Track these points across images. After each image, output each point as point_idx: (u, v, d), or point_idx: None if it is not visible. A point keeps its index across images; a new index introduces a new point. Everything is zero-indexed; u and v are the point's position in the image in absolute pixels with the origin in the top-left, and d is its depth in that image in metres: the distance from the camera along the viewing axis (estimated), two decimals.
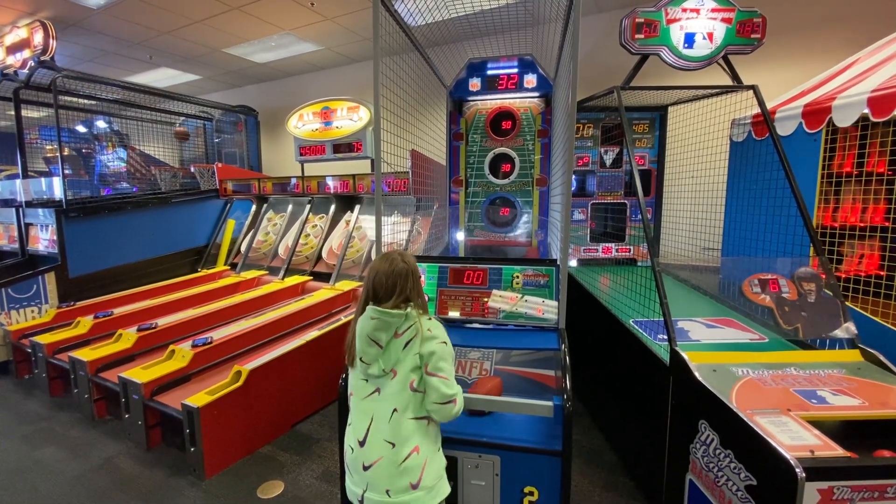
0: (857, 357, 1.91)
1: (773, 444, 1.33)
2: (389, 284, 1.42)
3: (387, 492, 1.34)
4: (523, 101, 3.64)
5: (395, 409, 1.38)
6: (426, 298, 1.57)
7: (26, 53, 4.41)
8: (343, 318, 3.43)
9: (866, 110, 2.33)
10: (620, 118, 2.67)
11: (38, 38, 4.29)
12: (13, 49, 4.53)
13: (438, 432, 1.50)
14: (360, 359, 1.42)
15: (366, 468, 1.37)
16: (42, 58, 4.31)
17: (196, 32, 5.26)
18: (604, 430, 2.86)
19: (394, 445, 1.36)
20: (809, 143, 2.69)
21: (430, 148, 3.73)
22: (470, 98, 3.69)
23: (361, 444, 1.39)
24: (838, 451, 1.33)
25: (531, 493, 1.73)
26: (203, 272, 5.25)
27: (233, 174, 5.76)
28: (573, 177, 2.26)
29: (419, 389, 1.41)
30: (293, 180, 5.05)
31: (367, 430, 1.39)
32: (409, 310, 1.42)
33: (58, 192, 4.53)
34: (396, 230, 4.28)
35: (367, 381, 1.45)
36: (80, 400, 3.14)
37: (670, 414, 1.89)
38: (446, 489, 1.45)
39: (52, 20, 4.47)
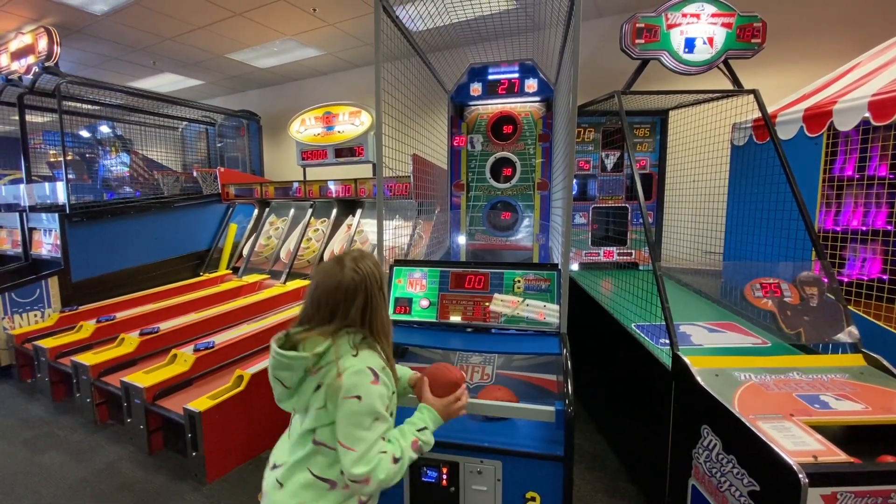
0: (860, 361, 1.90)
1: (776, 449, 1.33)
2: (327, 301, 1.14)
3: None
4: (524, 106, 3.65)
5: (300, 456, 1.15)
6: (385, 320, 1.22)
7: (31, 59, 4.45)
8: None
9: (867, 114, 2.33)
10: (621, 122, 2.68)
11: (43, 43, 4.32)
12: (18, 55, 4.57)
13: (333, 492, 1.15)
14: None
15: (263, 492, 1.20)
16: (46, 63, 4.34)
17: (199, 38, 5.30)
18: (606, 435, 2.85)
19: (282, 486, 1.14)
20: (811, 147, 2.69)
21: (432, 152, 3.74)
22: (471, 103, 3.70)
23: (274, 466, 1.21)
24: (842, 456, 1.32)
25: (533, 499, 1.72)
26: (205, 276, 5.26)
27: (235, 178, 5.78)
28: (574, 181, 2.26)
29: (324, 444, 1.13)
30: (295, 184, 5.06)
31: (275, 460, 1.22)
32: (327, 345, 1.12)
33: (61, 196, 4.55)
34: (398, 234, 4.29)
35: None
36: (82, 404, 3.15)
37: (672, 419, 1.88)
38: None
39: (57, 26, 4.50)
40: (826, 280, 2.11)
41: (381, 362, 1.18)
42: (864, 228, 2.70)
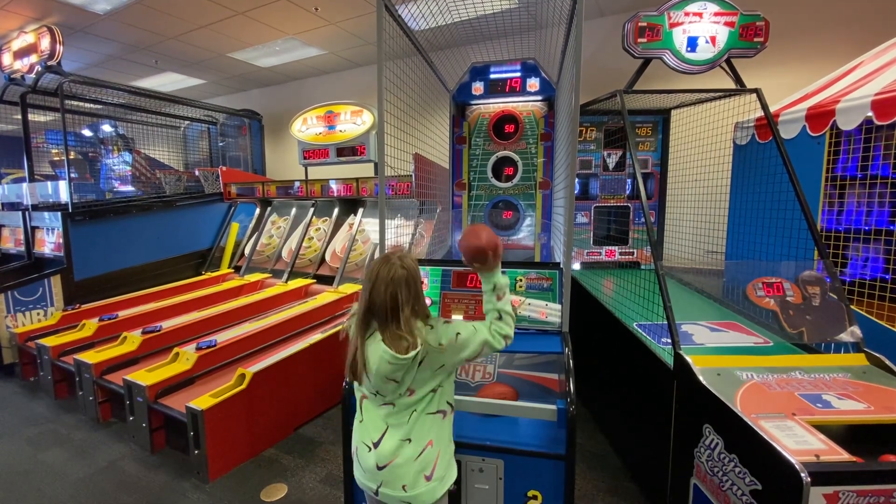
0: (863, 361, 1.90)
1: (779, 448, 1.32)
2: (389, 299, 1.33)
3: (403, 487, 1.35)
4: (526, 105, 3.65)
5: (413, 411, 1.39)
6: (426, 303, 1.47)
7: (33, 58, 4.46)
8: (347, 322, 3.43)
9: (870, 113, 2.32)
10: (623, 122, 2.68)
11: (45, 43, 4.33)
12: (20, 54, 4.58)
13: (451, 423, 1.49)
14: (376, 392, 1.38)
15: (381, 468, 1.37)
16: (49, 63, 4.35)
17: (201, 37, 5.30)
18: (607, 434, 2.85)
19: (410, 441, 1.37)
20: (813, 146, 2.69)
21: (433, 151, 3.74)
22: (473, 102, 3.70)
23: (376, 445, 1.39)
24: (844, 455, 1.32)
25: (535, 497, 1.72)
26: (207, 275, 5.27)
27: (237, 178, 5.79)
28: (576, 180, 2.26)
29: (437, 388, 1.42)
30: (297, 184, 5.07)
31: (383, 435, 1.39)
32: (416, 339, 1.34)
33: (64, 195, 4.57)
34: (400, 233, 4.29)
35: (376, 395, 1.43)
36: (84, 402, 3.16)
37: (674, 418, 1.88)
38: (454, 473, 1.47)
39: (59, 25, 4.52)
40: (828, 279, 2.10)
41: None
42: (866, 228, 2.69)
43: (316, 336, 3.23)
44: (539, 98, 3.57)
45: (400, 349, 1.30)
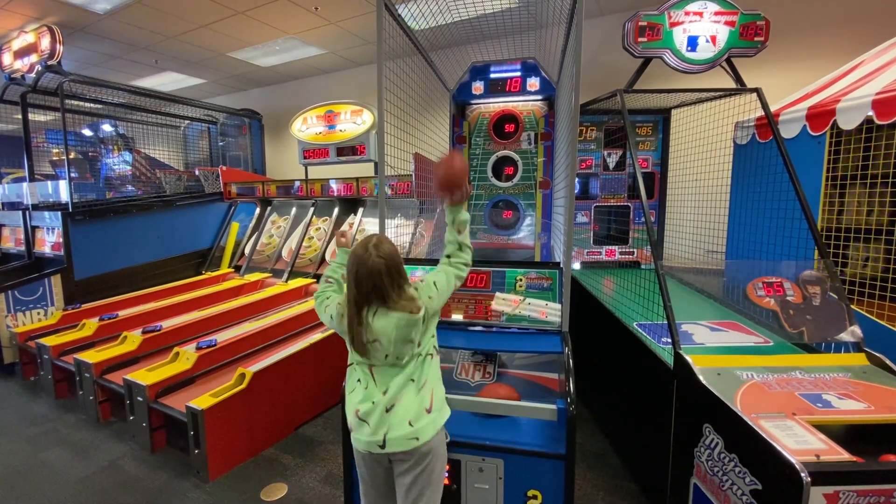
0: (863, 361, 1.90)
1: (779, 448, 1.32)
2: (374, 288, 1.43)
3: (409, 422, 1.44)
4: (526, 105, 3.65)
5: (417, 355, 1.50)
6: (406, 275, 1.54)
7: (33, 58, 4.46)
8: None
9: (871, 113, 2.32)
10: (623, 121, 2.68)
11: (46, 42, 4.33)
12: (21, 54, 4.58)
13: (438, 363, 1.61)
14: (395, 356, 1.46)
15: (389, 410, 1.45)
16: (49, 62, 4.35)
17: (201, 37, 5.30)
18: (607, 434, 2.85)
19: (413, 381, 1.48)
20: (814, 146, 2.68)
21: (434, 151, 3.74)
22: (473, 101, 3.70)
23: (385, 393, 1.46)
24: (844, 455, 1.32)
25: (535, 497, 1.72)
26: (207, 275, 5.27)
27: (237, 177, 5.79)
28: (576, 179, 2.26)
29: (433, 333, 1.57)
30: (297, 183, 5.07)
31: (391, 383, 1.47)
32: (418, 300, 1.48)
33: (64, 195, 4.57)
34: (400, 233, 4.29)
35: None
36: (85, 402, 3.16)
37: (674, 417, 1.88)
38: (447, 411, 1.57)
39: (60, 25, 4.51)
40: (829, 279, 2.10)
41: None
42: (867, 227, 2.69)
43: (316, 335, 3.23)
44: (539, 97, 3.57)
45: (413, 310, 1.44)
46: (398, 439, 1.43)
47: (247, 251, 5.46)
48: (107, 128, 5.89)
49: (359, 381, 1.52)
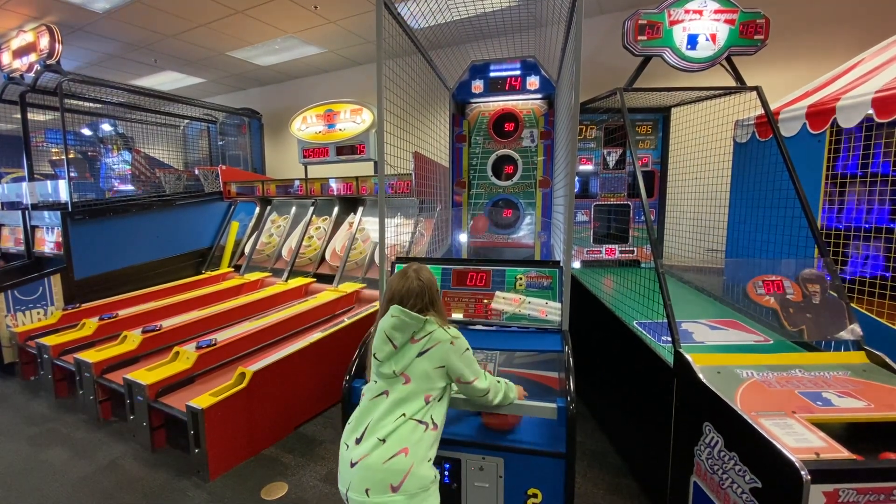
0: (863, 359, 1.90)
1: (778, 446, 1.32)
2: (412, 296, 1.48)
3: (366, 491, 1.31)
4: (526, 103, 3.65)
5: (403, 414, 1.39)
6: (444, 310, 1.59)
7: (32, 57, 4.45)
8: (346, 320, 3.44)
9: (871, 111, 2.32)
10: (623, 120, 2.67)
11: (45, 42, 4.32)
12: (19, 53, 4.57)
13: (436, 443, 1.45)
14: (374, 355, 1.43)
15: (353, 465, 1.36)
16: (48, 62, 4.34)
17: (200, 36, 5.30)
18: (607, 433, 2.85)
19: (384, 442, 1.35)
20: (813, 144, 2.68)
21: (433, 150, 3.74)
22: (473, 100, 3.70)
23: (358, 441, 1.40)
24: (844, 453, 1.32)
25: (535, 496, 1.72)
26: (207, 274, 5.27)
27: (236, 176, 5.78)
28: (576, 178, 2.26)
29: (434, 401, 1.46)
30: (296, 182, 5.06)
31: (366, 429, 1.40)
32: (428, 317, 1.46)
33: (63, 194, 4.56)
34: (399, 232, 4.29)
35: (376, 382, 1.47)
36: (85, 401, 3.16)
37: (674, 416, 1.88)
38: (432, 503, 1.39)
39: (58, 24, 4.51)
40: (829, 277, 2.10)
41: None
42: (867, 226, 2.69)
43: (316, 335, 3.23)
44: (539, 96, 3.57)
45: (411, 308, 1.43)
46: (355, 502, 1.34)
47: (246, 250, 5.46)
48: (106, 127, 5.88)
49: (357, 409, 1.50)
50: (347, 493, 1.36)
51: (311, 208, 5.20)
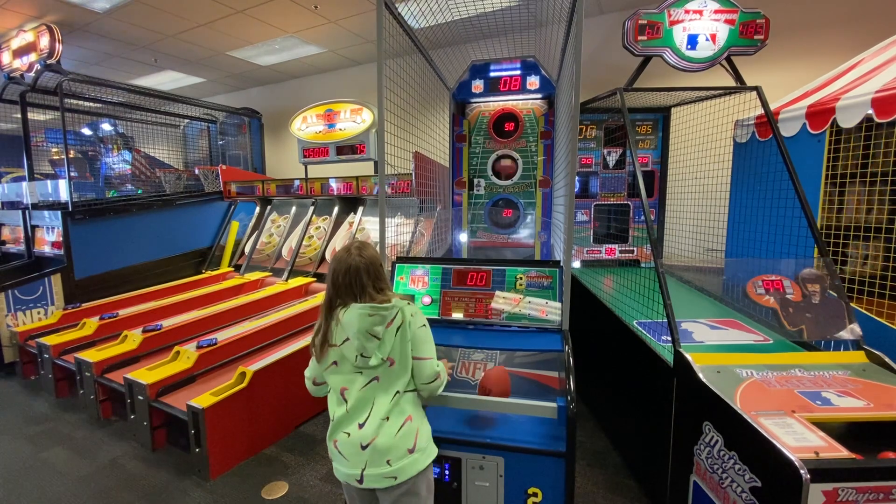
0: (862, 358, 1.90)
1: (778, 445, 1.33)
2: (349, 284, 1.47)
3: (387, 461, 1.42)
4: (526, 103, 3.65)
5: (397, 392, 1.48)
6: (389, 284, 1.61)
7: (32, 57, 4.45)
8: None
9: (870, 111, 2.32)
10: (623, 119, 2.68)
11: (45, 41, 4.32)
12: (20, 53, 4.57)
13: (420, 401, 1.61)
14: (360, 354, 1.45)
15: (364, 447, 1.42)
16: (48, 61, 4.35)
17: (200, 36, 5.29)
18: (607, 432, 2.85)
19: (388, 419, 1.45)
20: (813, 144, 2.68)
21: (434, 150, 3.74)
22: (473, 100, 3.70)
23: (361, 426, 1.45)
24: (843, 452, 1.32)
25: (535, 495, 1.73)
26: (207, 274, 5.27)
27: (237, 176, 5.79)
28: (576, 178, 2.26)
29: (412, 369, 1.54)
30: (297, 182, 5.07)
31: (369, 414, 1.45)
32: (392, 298, 1.50)
33: (63, 194, 4.56)
34: (400, 232, 4.29)
35: (361, 373, 1.47)
36: (85, 401, 3.16)
37: (674, 415, 1.89)
38: (435, 450, 1.55)
39: (58, 24, 4.51)
40: (828, 277, 2.11)
41: None
42: (866, 225, 2.69)
43: None
44: (539, 96, 3.58)
45: (378, 302, 1.45)
46: (375, 477, 1.42)
47: (247, 250, 5.46)
48: (106, 127, 5.88)
49: (338, 403, 1.50)
50: (364, 472, 1.42)
51: (312, 208, 5.20)
